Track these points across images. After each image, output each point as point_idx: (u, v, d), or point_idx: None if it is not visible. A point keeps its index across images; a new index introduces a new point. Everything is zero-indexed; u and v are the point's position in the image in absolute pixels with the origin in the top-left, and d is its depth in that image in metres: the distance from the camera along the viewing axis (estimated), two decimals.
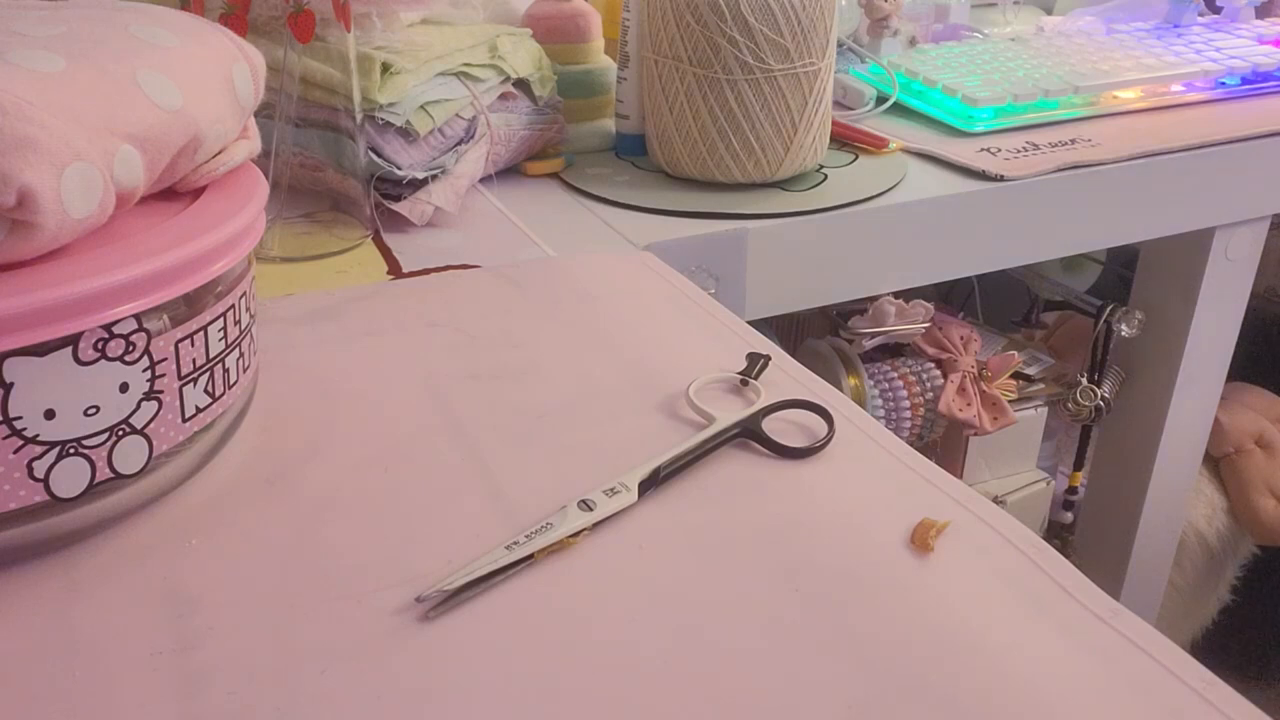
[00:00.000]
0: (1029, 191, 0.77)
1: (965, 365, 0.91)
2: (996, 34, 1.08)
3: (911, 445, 0.43)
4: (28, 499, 0.33)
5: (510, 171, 0.77)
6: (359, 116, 0.63)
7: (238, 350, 0.40)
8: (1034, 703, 0.30)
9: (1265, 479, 1.17)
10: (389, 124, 0.65)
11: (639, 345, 0.51)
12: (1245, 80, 0.97)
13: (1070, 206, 0.80)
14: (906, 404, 0.91)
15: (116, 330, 0.33)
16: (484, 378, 0.48)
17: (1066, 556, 0.36)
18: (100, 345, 0.33)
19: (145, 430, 0.35)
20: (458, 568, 0.34)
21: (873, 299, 0.89)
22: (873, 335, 0.90)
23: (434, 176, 0.66)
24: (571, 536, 0.36)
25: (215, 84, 0.40)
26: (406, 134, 0.66)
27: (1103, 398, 0.99)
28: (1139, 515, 1.05)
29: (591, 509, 0.37)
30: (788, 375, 0.48)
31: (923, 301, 0.90)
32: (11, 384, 0.31)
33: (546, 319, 0.54)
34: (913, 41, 1.02)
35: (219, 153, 0.41)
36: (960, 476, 0.89)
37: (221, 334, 0.38)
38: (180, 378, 0.36)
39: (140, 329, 0.34)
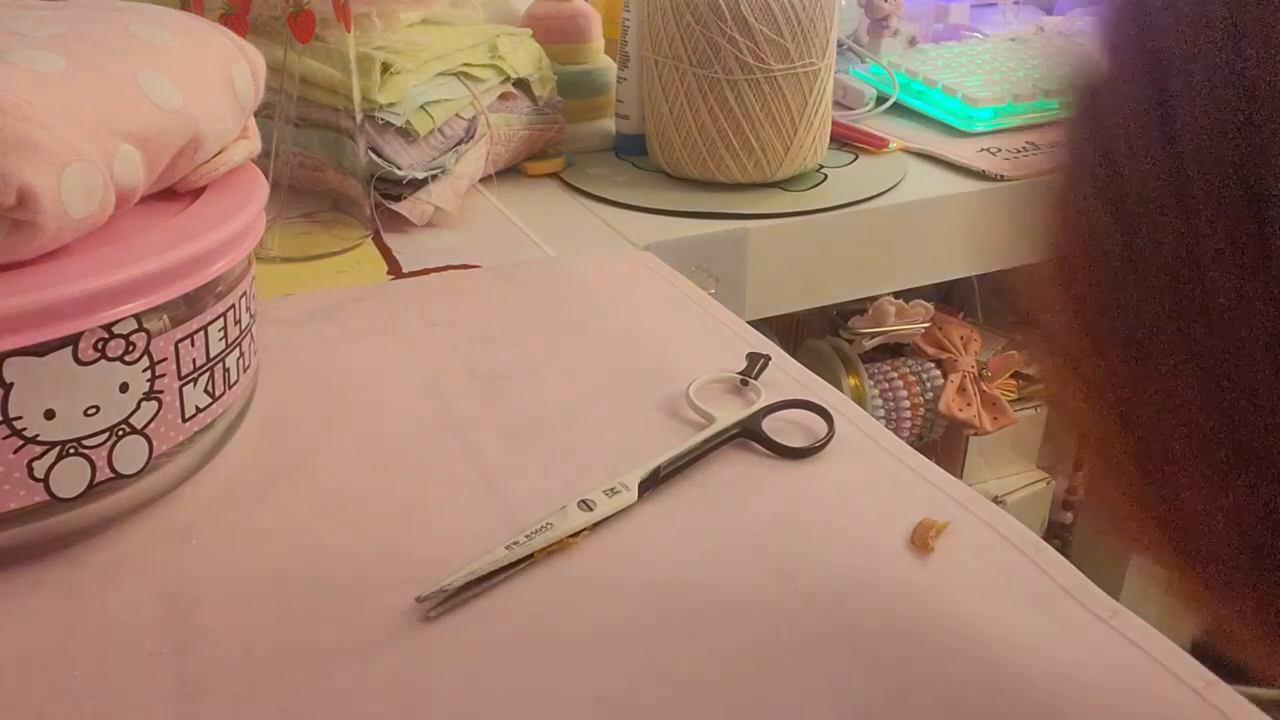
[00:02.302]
0: (1029, 191, 0.77)
1: (965, 365, 0.91)
2: (996, 34, 1.08)
3: (911, 445, 0.43)
4: (28, 499, 0.33)
5: (510, 171, 0.77)
6: (359, 116, 0.63)
7: (238, 350, 0.40)
8: (1034, 703, 0.30)
9: None
10: (389, 124, 0.65)
11: (639, 345, 0.51)
12: None
13: None
14: (906, 404, 0.91)
15: (116, 330, 0.33)
16: (484, 378, 0.48)
17: (1066, 556, 0.36)
18: (100, 345, 0.33)
19: (145, 430, 0.35)
20: (458, 568, 0.34)
21: (873, 299, 0.89)
22: (873, 335, 0.90)
23: (434, 176, 0.66)
24: (571, 536, 0.36)
25: (215, 84, 0.40)
26: (406, 134, 0.66)
27: None
28: None
29: (591, 509, 0.37)
30: (788, 375, 0.48)
31: (923, 301, 0.90)
32: (11, 384, 0.31)
33: (546, 319, 0.54)
34: (913, 41, 1.02)
35: (219, 153, 0.41)
36: (960, 476, 0.89)
37: (221, 334, 0.38)
38: (180, 378, 0.36)
39: (140, 329, 0.34)
